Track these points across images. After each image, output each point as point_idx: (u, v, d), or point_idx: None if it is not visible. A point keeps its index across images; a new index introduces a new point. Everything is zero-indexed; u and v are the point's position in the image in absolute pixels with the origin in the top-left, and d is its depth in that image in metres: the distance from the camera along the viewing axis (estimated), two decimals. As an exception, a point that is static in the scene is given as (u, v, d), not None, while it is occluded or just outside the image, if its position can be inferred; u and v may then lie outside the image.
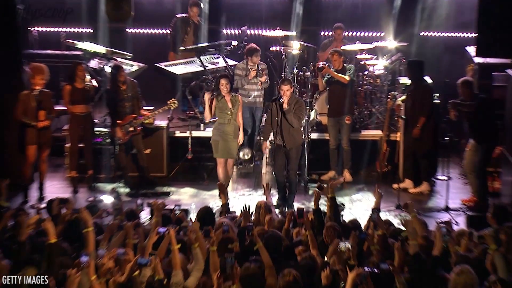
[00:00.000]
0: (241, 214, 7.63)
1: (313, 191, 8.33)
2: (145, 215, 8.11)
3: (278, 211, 9.58)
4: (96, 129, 11.13)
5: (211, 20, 13.46)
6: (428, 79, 11.29)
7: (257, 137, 11.62)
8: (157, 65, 12.55)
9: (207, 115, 10.23)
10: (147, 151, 11.19)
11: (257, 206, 7.88)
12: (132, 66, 12.47)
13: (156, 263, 5.85)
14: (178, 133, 11.80)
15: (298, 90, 11.83)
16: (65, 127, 11.40)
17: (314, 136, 11.65)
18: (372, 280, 5.59)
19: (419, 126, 10.62)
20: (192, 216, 8.08)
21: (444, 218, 9.24)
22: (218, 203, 9.12)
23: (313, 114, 11.69)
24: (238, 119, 10.17)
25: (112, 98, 10.75)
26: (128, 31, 14.44)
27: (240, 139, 10.23)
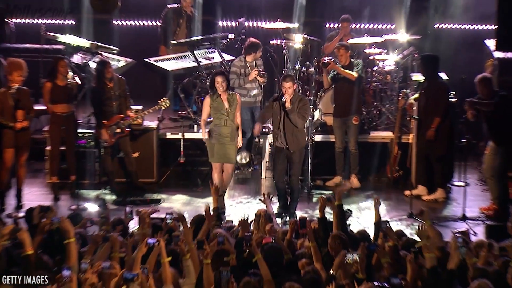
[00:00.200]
0: (239, 224, 7.62)
1: (318, 199, 8.31)
2: (133, 225, 8.09)
3: (280, 221, 9.56)
4: (79, 130, 11.11)
5: (205, 11, 13.46)
6: (443, 76, 11.30)
7: (256, 139, 11.62)
8: (146, 60, 12.54)
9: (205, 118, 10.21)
10: (136, 154, 11.18)
11: (256, 215, 7.87)
12: (119, 62, 12.47)
13: (143, 279, 5.81)
14: (170, 135, 11.80)
15: (301, 87, 11.84)
16: (45, 128, 11.38)
17: (319, 138, 11.64)
18: (383, 296, 5.58)
19: (433, 127, 10.62)
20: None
21: (461, 228, 9.21)
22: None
23: (317, 114, 11.69)
24: (236, 119, 10.14)
25: (97, 97, 10.74)
26: (115, 23, 14.44)
27: (239, 142, 10.21)
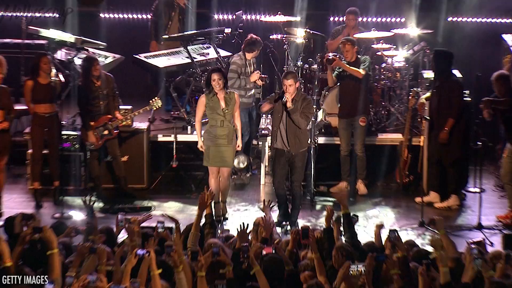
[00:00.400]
0: (237, 234, 7.62)
1: (324, 207, 8.31)
2: (122, 234, 8.09)
3: (280, 230, 9.56)
4: (63, 132, 11.12)
5: (199, 3, 13.47)
6: (457, 73, 11.31)
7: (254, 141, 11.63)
8: (136, 56, 12.55)
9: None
10: (124, 158, 11.19)
11: (255, 224, 7.87)
12: (106, 58, 12.48)
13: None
14: (161, 137, 11.81)
15: (303, 86, 11.83)
16: (26, 130, 11.39)
17: (322, 140, 11.65)
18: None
19: (446, 129, 10.62)
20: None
21: (476, 238, 9.22)
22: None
23: (321, 114, 11.67)
24: (234, 120, 10.12)
25: (83, 96, 10.75)
26: (102, 16, 14.45)
27: (238, 144, 10.19)
